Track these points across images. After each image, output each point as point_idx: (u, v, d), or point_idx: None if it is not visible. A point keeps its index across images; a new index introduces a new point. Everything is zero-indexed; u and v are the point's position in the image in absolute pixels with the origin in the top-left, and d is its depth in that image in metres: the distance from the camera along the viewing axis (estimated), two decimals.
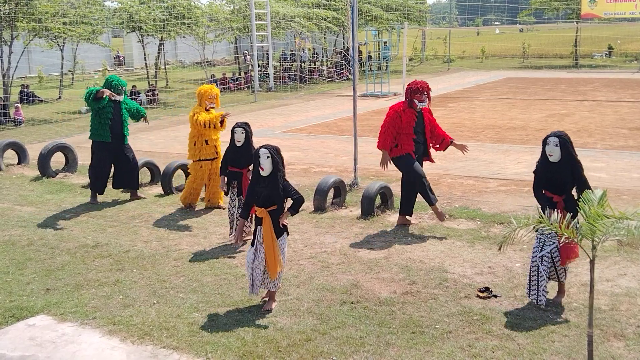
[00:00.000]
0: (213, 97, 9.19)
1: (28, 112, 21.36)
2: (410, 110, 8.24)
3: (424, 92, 8.21)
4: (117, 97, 9.75)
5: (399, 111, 8.24)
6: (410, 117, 8.22)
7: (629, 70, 32.26)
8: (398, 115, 8.21)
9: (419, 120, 8.29)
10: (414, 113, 8.24)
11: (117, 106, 9.85)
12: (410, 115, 8.22)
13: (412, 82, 8.37)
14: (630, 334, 5.37)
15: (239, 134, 7.69)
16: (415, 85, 8.24)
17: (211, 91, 9.19)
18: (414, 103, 8.20)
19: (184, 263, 7.29)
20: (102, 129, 9.77)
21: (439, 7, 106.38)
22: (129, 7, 27.26)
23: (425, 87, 8.26)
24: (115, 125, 9.83)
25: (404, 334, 5.45)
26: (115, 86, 9.79)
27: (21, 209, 9.82)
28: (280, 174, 5.86)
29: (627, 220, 4.32)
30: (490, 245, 7.57)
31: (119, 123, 9.87)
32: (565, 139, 5.90)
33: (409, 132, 8.21)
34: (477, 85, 27.63)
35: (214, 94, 9.21)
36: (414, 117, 8.24)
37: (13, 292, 6.60)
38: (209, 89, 9.20)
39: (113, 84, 9.80)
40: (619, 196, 9.34)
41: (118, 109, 9.87)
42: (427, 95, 8.26)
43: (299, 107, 21.93)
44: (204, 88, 9.24)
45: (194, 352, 5.25)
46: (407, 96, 8.28)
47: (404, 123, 8.19)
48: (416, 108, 8.23)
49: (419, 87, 8.19)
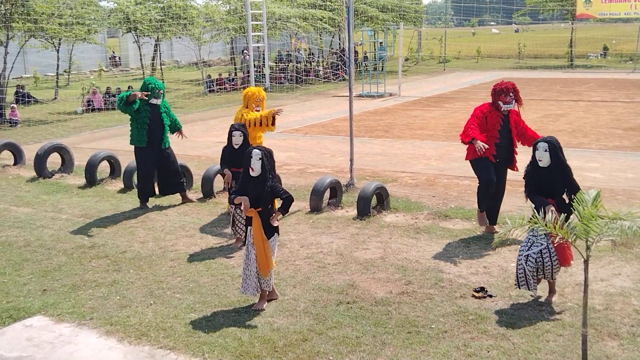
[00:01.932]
0: (260, 99, 8.85)
1: (24, 113, 21.33)
2: (496, 112, 7.79)
3: (509, 93, 7.71)
4: (154, 100, 9.36)
5: (485, 112, 7.82)
6: (496, 120, 7.77)
7: (624, 71, 32.37)
8: (484, 116, 7.79)
9: (504, 124, 7.79)
10: (499, 115, 7.78)
11: (154, 110, 9.43)
12: (495, 117, 7.77)
13: (497, 83, 7.88)
14: (624, 334, 5.41)
15: (237, 137, 7.73)
16: (500, 86, 7.77)
17: (258, 94, 8.86)
18: (499, 105, 7.74)
19: (180, 264, 7.31)
20: (140, 134, 9.40)
21: (435, 7, 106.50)
22: (125, 7, 27.25)
23: (511, 87, 7.74)
24: (153, 129, 9.43)
25: (400, 334, 5.48)
26: (152, 89, 9.36)
27: (17, 209, 9.83)
28: (270, 176, 5.92)
29: (620, 221, 4.36)
30: (486, 245, 7.60)
31: (157, 127, 9.47)
32: (554, 144, 5.99)
33: (493, 135, 7.76)
34: (472, 85, 27.69)
35: (261, 96, 8.88)
36: (499, 120, 7.77)
37: (10, 292, 6.61)
38: (256, 92, 8.87)
39: (150, 86, 9.36)
40: (613, 196, 9.39)
41: (156, 112, 9.45)
42: (514, 96, 7.75)
43: (295, 107, 21.94)
44: (251, 90, 8.92)
45: (191, 353, 5.27)
46: (492, 98, 7.81)
47: (489, 125, 7.75)
48: (501, 110, 7.77)
49: (504, 88, 7.71)
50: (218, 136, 15.72)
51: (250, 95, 8.82)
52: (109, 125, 18.90)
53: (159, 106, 9.48)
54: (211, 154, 12.38)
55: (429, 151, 13.51)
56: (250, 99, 8.81)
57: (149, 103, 9.39)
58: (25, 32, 22.18)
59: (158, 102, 9.45)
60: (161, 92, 9.47)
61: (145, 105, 9.37)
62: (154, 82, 9.47)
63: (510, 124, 7.84)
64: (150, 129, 9.41)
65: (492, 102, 7.82)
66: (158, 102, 9.44)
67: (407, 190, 10.22)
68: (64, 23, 22.89)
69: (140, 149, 9.50)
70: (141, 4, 27.77)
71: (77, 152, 13.06)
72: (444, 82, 29.19)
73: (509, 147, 7.94)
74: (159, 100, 9.45)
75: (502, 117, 7.81)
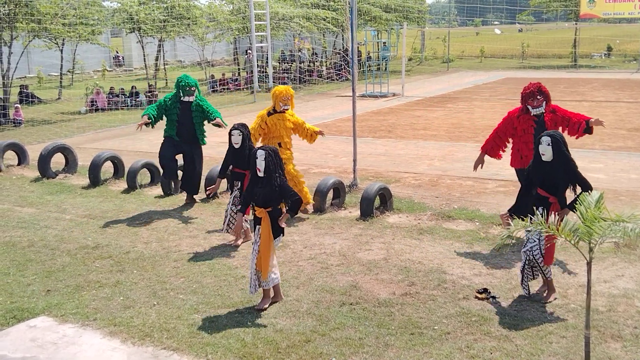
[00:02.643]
0: (287, 98, 8.85)
1: (28, 113, 21.37)
2: (526, 116, 7.57)
3: (536, 95, 7.47)
4: (185, 98, 9.35)
5: (513, 117, 7.68)
6: (527, 124, 7.54)
7: (627, 71, 32.30)
8: (511, 121, 7.66)
9: (538, 127, 7.44)
10: (531, 119, 7.53)
11: (185, 107, 9.42)
12: (526, 122, 7.54)
13: (525, 86, 7.63)
14: (627, 335, 5.41)
15: (235, 137, 7.71)
16: (525, 89, 7.55)
17: (286, 92, 8.85)
18: (529, 109, 7.56)
19: (184, 264, 7.32)
20: (170, 128, 9.52)
21: (438, 7, 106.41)
22: (128, 7, 27.29)
23: (536, 89, 7.49)
24: (182, 126, 9.43)
25: (403, 335, 5.49)
26: (184, 87, 9.36)
27: (21, 210, 9.85)
28: (277, 175, 5.94)
29: (623, 223, 4.36)
30: (489, 246, 7.60)
31: (187, 125, 9.44)
32: (557, 139, 5.96)
33: (527, 140, 7.49)
34: (476, 85, 27.66)
35: (289, 94, 8.87)
36: (531, 124, 7.53)
37: (14, 293, 6.63)
38: (283, 90, 8.86)
39: (181, 84, 9.37)
40: (617, 197, 9.38)
41: (187, 110, 9.42)
42: (542, 98, 7.49)
43: (298, 107, 21.80)
44: (279, 89, 8.90)
45: (194, 353, 5.28)
46: (521, 102, 7.64)
47: (519, 131, 7.58)
48: (530, 114, 7.54)
49: (529, 91, 7.49)
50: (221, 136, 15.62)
51: (278, 94, 8.85)
52: (113, 126, 18.93)
53: (191, 104, 9.43)
54: (214, 154, 12.38)
55: (432, 151, 13.51)
56: (277, 97, 8.84)
57: (181, 100, 9.40)
58: (29, 32, 22.22)
59: (190, 100, 9.39)
60: (193, 89, 9.39)
61: (176, 103, 9.39)
62: (185, 79, 9.41)
63: (546, 127, 7.43)
64: (180, 125, 9.44)
65: (523, 106, 7.63)
66: (190, 99, 9.38)
67: (410, 191, 10.22)
68: (67, 23, 22.93)
69: (168, 139, 9.59)
70: (145, 4, 27.82)
71: (80, 153, 13.08)
72: (448, 82, 29.16)
73: None
74: (191, 97, 9.38)
75: (535, 120, 7.54)
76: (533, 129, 7.51)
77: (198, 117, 9.51)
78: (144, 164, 11.06)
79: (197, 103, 9.48)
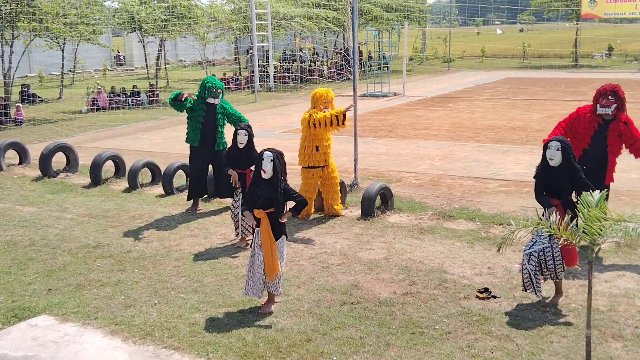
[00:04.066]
0: (328, 100, 8.67)
1: (29, 112, 21.39)
2: (593, 116, 7.30)
3: (607, 95, 7.18)
4: (210, 99, 9.09)
5: (580, 113, 7.41)
6: (590, 124, 7.28)
7: (628, 71, 32.30)
8: (577, 116, 7.38)
9: (600, 129, 7.23)
10: (596, 120, 7.28)
11: (210, 109, 9.14)
12: (590, 121, 7.29)
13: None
14: (628, 335, 5.41)
15: (242, 136, 7.69)
16: (600, 89, 7.28)
17: (327, 95, 8.68)
18: (596, 108, 7.28)
19: (185, 263, 7.32)
20: (194, 133, 9.19)
21: (439, 7, 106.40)
22: (129, 6, 27.30)
23: (610, 89, 7.20)
24: (207, 129, 9.14)
25: (404, 335, 5.49)
26: (210, 88, 9.08)
27: (22, 209, 9.86)
28: (282, 178, 5.93)
29: (625, 222, 4.36)
30: (490, 246, 7.60)
31: (211, 128, 9.15)
32: (566, 144, 5.99)
33: (582, 139, 7.27)
34: (477, 85, 27.66)
35: (330, 97, 8.69)
36: (594, 125, 7.27)
37: (15, 292, 6.64)
38: (324, 93, 8.68)
39: (208, 85, 9.08)
40: (617, 197, 9.38)
41: (212, 112, 9.14)
42: (615, 98, 7.19)
43: (300, 107, 21.89)
44: (320, 91, 8.73)
45: (195, 353, 5.29)
46: (592, 100, 7.36)
47: (581, 128, 7.29)
48: (597, 113, 7.28)
49: (602, 90, 7.22)
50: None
51: (319, 97, 8.66)
52: (114, 125, 18.94)
53: (216, 106, 9.18)
54: None
55: (433, 151, 13.50)
56: (318, 99, 8.66)
57: (206, 102, 9.13)
58: (31, 32, 22.24)
59: (215, 102, 9.15)
60: (219, 91, 9.15)
61: (202, 104, 9.16)
62: (212, 80, 9.19)
63: (608, 132, 7.24)
64: (204, 128, 9.16)
65: (593, 105, 7.38)
66: (215, 101, 9.14)
67: (411, 191, 10.22)
68: (68, 22, 22.94)
69: (193, 147, 9.30)
70: (146, 4, 27.83)
71: (81, 152, 13.08)
72: (448, 82, 29.16)
73: (601, 156, 7.30)
74: (216, 100, 9.14)
75: (600, 122, 7.28)
76: (593, 130, 7.29)
77: (222, 120, 9.26)
78: (145, 163, 11.07)
79: (221, 105, 9.24)
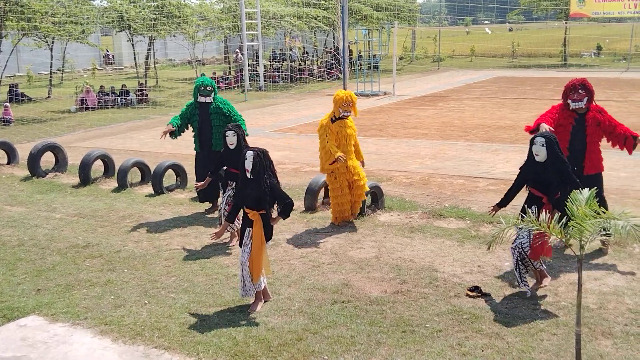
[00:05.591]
0: (349, 103, 8.34)
1: (17, 112, 21.25)
2: (567, 112, 7.18)
3: (578, 89, 7.05)
4: (201, 98, 8.84)
5: (555, 109, 7.29)
6: (566, 121, 7.13)
7: (617, 70, 32.47)
8: (552, 112, 7.22)
9: (577, 125, 7.11)
10: (571, 115, 7.15)
11: (204, 111, 8.88)
12: (566, 118, 7.14)
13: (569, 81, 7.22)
14: (618, 333, 5.44)
15: (230, 137, 7.61)
16: (569, 84, 7.14)
17: (347, 98, 8.37)
18: (569, 104, 7.16)
19: (175, 263, 7.30)
20: (194, 139, 9.03)
21: (429, 6, 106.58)
22: (118, 5, 27.19)
23: (579, 84, 7.08)
24: (202, 131, 8.91)
25: (395, 333, 5.49)
26: (198, 87, 8.83)
27: (11, 209, 9.79)
28: (266, 176, 5.88)
29: (614, 220, 4.38)
30: (480, 244, 7.62)
31: (206, 129, 8.90)
32: (551, 139, 6.02)
33: (563, 138, 6.97)
34: (466, 84, 27.73)
35: (351, 100, 8.37)
36: (570, 121, 7.13)
37: (4, 292, 6.59)
38: (343, 96, 8.39)
39: (196, 85, 8.86)
40: (607, 195, 9.39)
41: (206, 113, 8.88)
42: (584, 93, 7.05)
43: (290, 106, 21.92)
44: (340, 94, 8.44)
45: (185, 352, 5.27)
46: (562, 98, 7.28)
47: (557, 127, 7.03)
48: (571, 109, 7.14)
49: (572, 85, 7.09)
50: None
51: (338, 100, 8.41)
52: (103, 124, 18.85)
53: (210, 106, 8.90)
54: None
55: (423, 150, 13.53)
56: (338, 102, 8.39)
57: (199, 102, 8.90)
58: (19, 31, 22.11)
59: (206, 100, 8.86)
60: (209, 88, 8.85)
61: (196, 109, 8.94)
62: (201, 80, 8.93)
63: (586, 123, 7.13)
64: (201, 132, 8.93)
65: (563, 102, 7.31)
66: (207, 99, 8.86)
67: (402, 190, 10.24)
68: (57, 22, 22.82)
69: (197, 154, 9.15)
70: (135, 3, 27.72)
71: (70, 151, 13.01)
72: (438, 81, 29.22)
73: (584, 149, 7.17)
74: (207, 98, 8.86)
75: (576, 117, 7.16)
76: (571, 127, 7.16)
77: (217, 119, 8.89)
78: (135, 162, 11.02)
79: (216, 105, 8.93)
